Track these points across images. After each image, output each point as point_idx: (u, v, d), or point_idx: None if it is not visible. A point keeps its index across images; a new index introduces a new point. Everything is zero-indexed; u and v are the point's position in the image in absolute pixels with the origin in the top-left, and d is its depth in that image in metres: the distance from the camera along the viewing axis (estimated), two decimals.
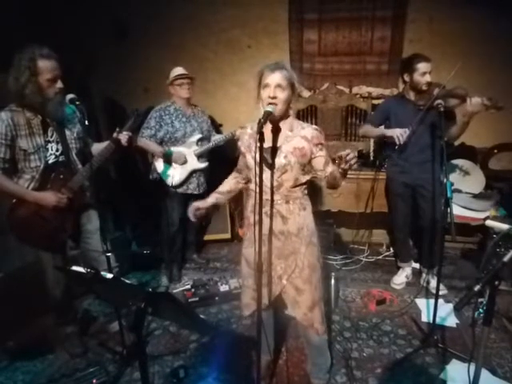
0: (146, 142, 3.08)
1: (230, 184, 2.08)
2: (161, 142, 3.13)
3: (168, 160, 3.10)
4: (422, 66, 2.66)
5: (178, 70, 3.08)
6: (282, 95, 1.68)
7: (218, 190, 2.09)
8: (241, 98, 4.03)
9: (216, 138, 3.26)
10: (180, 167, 3.13)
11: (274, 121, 1.73)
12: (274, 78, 1.66)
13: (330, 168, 1.78)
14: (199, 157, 3.18)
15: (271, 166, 1.75)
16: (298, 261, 1.86)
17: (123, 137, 2.26)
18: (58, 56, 2.05)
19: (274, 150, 1.75)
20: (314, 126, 1.84)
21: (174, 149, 3.12)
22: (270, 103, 1.65)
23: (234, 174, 2.08)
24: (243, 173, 2.00)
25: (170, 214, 3.22)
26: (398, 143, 2.72)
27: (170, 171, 3.13)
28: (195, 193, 3.21)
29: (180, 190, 3.18)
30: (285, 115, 1.77)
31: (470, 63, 3.51)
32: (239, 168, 2.02)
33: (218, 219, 4.02)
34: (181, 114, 3.14)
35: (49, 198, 2.12)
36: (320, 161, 1.79)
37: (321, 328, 1.94)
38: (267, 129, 1.72)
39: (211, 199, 2.07)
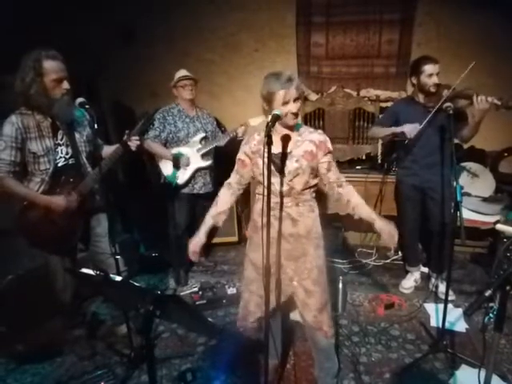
0: (154, 145, 3.08)
1: (228, 201, 2.02)
2: (165, 143, 3.14)
3: (177, 163, 3.11)
4: (428, 68, 2.64)
5: (182, 72, 3.11)
6: (299, 105, 1.75)
7: (218, 210, 2.00)
8: (248, 101, 4.03)
9: (219, 136, 3.25)
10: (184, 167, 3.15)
11: (288, 127, 1.77)
12: (293, 94, 1.70)
13: (334, 175, 1.84)
14: (203, 155, 3.18)
15: (281, 171, 1.76)
16: (307, 263, 1.86)
17: (133, 143, 2.26)
18: (65, 58, 2.06)
19: (285, 155, 1.77)
20: (319, 131, 1.88)
21: (180, 149, 3.13)
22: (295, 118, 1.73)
23: (227, 187, 2.01)
24: (243, 180, 1.97)
25: (177, 215, 3.23)
26: (408, 137, 2.68)
27: (177, 173, 3.13)
28: (201, 192, 3.20)
29: (186, 191, 3.17)
30: None
31: (478, 65, 3.49)
32: (237, 176, 1.96)
33: (225, 222, 3.99)
34: (184, 114, 3.15)
35: (59, 201, 2.13)
36: (323, 166, 1.83)
37: (329, 331, 1.95)
38: (276, 135, 1.74)
39: (205, 228, 2.01)
